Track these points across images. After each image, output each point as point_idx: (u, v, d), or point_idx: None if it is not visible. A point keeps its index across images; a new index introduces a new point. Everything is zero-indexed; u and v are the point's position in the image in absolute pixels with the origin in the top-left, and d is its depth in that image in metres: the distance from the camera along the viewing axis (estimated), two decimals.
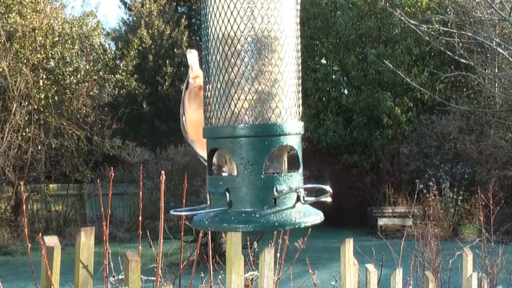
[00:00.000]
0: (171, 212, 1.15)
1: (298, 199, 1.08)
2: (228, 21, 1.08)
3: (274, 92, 1.08)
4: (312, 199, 1.11)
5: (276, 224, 1.05)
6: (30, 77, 12.92)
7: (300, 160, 1.12)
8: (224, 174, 1.13)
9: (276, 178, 1.08)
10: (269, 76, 1.08)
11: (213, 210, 1.09)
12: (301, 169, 1.12)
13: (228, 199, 1.06)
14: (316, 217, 1.09)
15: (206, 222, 1.08)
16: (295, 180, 1.09)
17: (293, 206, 1.08)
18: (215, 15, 1.10)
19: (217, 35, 1.10)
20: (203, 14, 1.14)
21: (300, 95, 1.15)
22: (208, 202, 1.11)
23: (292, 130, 1.09)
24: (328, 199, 1.12)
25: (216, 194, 1.09)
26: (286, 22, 1.10)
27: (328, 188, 1.09)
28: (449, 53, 11.87)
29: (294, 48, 1.12)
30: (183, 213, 1.18)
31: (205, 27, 1.13)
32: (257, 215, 1.05)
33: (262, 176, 1.06)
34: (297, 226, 1.06)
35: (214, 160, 1.14)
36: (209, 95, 1.13)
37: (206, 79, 1.13)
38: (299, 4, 1.14)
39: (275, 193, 1.06)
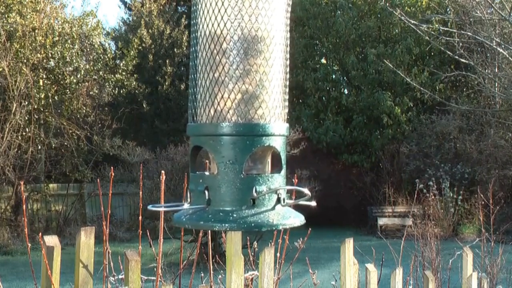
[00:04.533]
0: (149, 207, 1.14)
1: (278, 201, 1.07)
2: (216, 19, 1.07)
3: (258, 92, 1.07)
4: (292, 201, 1.10)
5: (253, 224, 1.03)
6: (30, 77, 12.90)
7: (283, 162, 1.10)
8: (206, 172, 1.13)
9: (256, 179, 1.06)
10: (254, 76, 1.07)
11: (192, 208, 1.08)
12: (283, 171, 1.10)
13: (207, 197, 1.06)
14: (295, 219, 1.07)
15: (184, 219, 1.07)
16: (277, 181, 1.07)
17: (273, 208, 1.06)
18: (203, 12, 1.09)
19: (205, 33, 1.09)
20: (193, 11, 1.14)
21: (287, 96, 1.12)
22: (189, 200, 1.11)
23: (276, 131, 1.07)
24: (312, 203, 1.10)
25: (196, 192, 1.08)
26: (274, 23, 1.08)
27: (306, 191, 1.07)
28: (449, 52, 11.86)
29: (282, 49, 1.10)
30: (162, 209, 1.17)
31: (194, 24, 1.13)
32: (235, 215, 1.04)
33: (242, 175, 1.05)
34: (274, 228, 1.05)
35: None
36: (194, 92, 1.12)
37: (192, 76, 1.13)
38: (289, 5, 1.13)
39: (254, 194, 1.05)
